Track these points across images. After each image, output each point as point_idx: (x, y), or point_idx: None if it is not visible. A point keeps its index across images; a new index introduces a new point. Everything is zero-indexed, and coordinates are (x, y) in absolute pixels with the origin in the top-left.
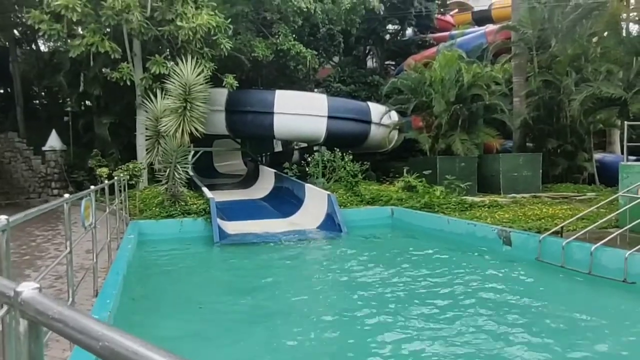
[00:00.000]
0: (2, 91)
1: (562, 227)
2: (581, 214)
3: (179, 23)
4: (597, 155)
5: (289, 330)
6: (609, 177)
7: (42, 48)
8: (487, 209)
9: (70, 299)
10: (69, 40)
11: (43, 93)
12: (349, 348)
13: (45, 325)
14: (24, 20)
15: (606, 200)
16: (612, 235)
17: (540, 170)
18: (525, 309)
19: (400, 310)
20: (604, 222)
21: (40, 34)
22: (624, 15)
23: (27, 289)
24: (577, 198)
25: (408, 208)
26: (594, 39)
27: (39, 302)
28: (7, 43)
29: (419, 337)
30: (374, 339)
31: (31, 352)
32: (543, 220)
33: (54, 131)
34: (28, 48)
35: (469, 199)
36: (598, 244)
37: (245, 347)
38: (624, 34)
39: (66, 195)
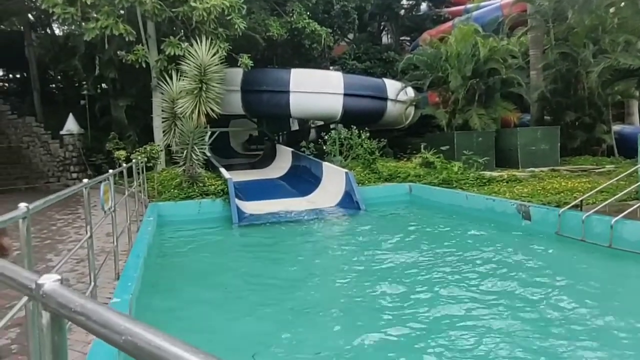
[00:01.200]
0: (18, 76)
1: (581, 201)
2: (600, 187)
3: (192, 4)
4: (616, 127)
5: (310, 306)
6: (628, 148)
7: (57, 32)
8: (505, 183)
9: (92, 283)
10: (83, 24)
11: (59, 77)
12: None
13: (67, 318)
14: (38, 4)
15: (625, 173)
16: (632, 208)
17: (559, 144)
18: (546, 283)
19: (418, 285)
20: (624, 194)
21: (55, 17)
22: None
23: (49, 281)
24: (596, 170)
25: (426, 184)
26: (611, 10)
27: (61, 295)
28: (22, 27)
29: (438, 314)
30: (395, 313)
31: (54, 344)
32: (562, 194)
33: (71, 115)
34: (43, 32)
35: (487, 174)
36: (618, 217)
37: (269, 321)
38: None
39: (85, 180)
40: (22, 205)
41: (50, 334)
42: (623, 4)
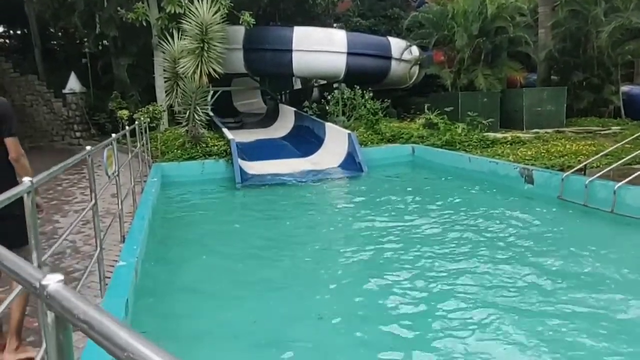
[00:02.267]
0: (19, 32)
1: (585, 165)
2: (605, 151)
3: None
4: (624, 88)
5: (310, 259)
6: (636, 110)
7: None
8: (509, 145)
9: (99, 249)
10: None
11: (60, 34)
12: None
13: (70, 323)
14: None
15: (632, 137)
16: (636, 174)
17: (565, 105)
18: (546, 248)
19: (419, 247)
20: (629, 159)
21: None
22: None
23: (52, 282)
24: (602, 132)
25: (429, 146)
26: None
27: (65, 298)
28: None
29: (435, 277)
30: (394, 279)
31: (59, 342)
32: (566, 157)
33: (73, 73)
34: None
35: (491, 135)
36: (621, 183)
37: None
38: None
39: (88, 148)
40: (26, 179)
41: (55, 333)
42: None
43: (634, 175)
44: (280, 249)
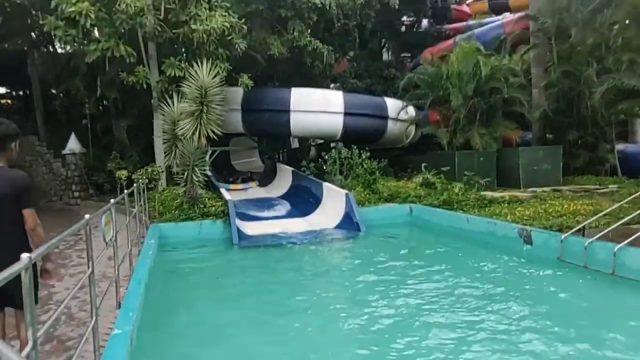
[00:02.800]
0: (21, 93)
1: (584, 226)
2: (604, 212)
3: (193, 26)
4: (619, 146)
5: (308, 328)
6: (631, 168)
7: (60, 50)
8: (507, 205)
9: (94, 318)
10: (85, 43)
11: (62, 95)
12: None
13: None
14: (40, 24)
15: (631, 197)
16: (637, 235)
17: (561, 163)
18: (547, 310)
19: (418, 310)
20: (628, 219)
21: (56, 39)
22: None
23: None
24: (599, 191)
25: (427, 205)
26: (615, 28)
27: None
28: (25, 46)
29: (437, 341)
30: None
31: None
32: (564, 217)
33: (73, 134)
34: (45, 51)
35: (489, 194)
36: (621, 244)
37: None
38: None
39: (87, 217)
40: (24, 256)
41: None
42: (627, 22)
43: (633, 237)
44: (278, 315)
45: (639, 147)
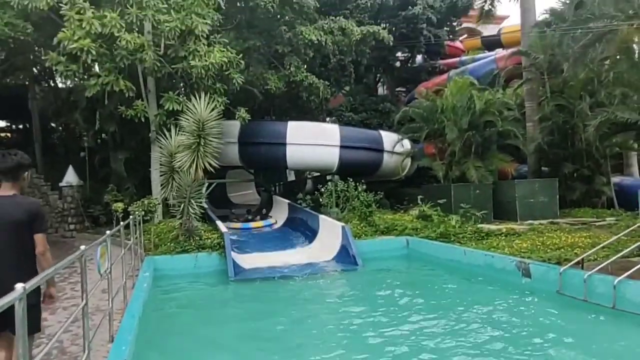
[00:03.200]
0: (21, 127)
1: (582, 259)
2: (603, 244)
3: (191, 62)
4: (615, 179)
5: None
6: (628, 200)
7: (60, 85)
8: (504, 237)
9: (86, 352)
10: (85, 78)
11: (60, 129)
12: None
13: None
14: (42, 59)
15: (629, 230)
16: (636, 267)
17: (557, 196)
18: (548, 345)
19: (417, 346)
20: (627, 252)
21: (58, 74)
22: (636, 39)
23: None
24: (597, 224)
25: (423, 238)
26: (607, 63)
27: None
28: (26, 81)
29: None
30: None
31: None
32: (562, 250)
33: (70, 167)
34: (46, 86)
35: (486, 227)
36: (621, 277)
37: None
38: (636, 58)
39: (82, 247)
40: (19, 286)
41: None
42: (618, 57)
43: (633, 270)
44: (273, 351)
45: (634, 180)
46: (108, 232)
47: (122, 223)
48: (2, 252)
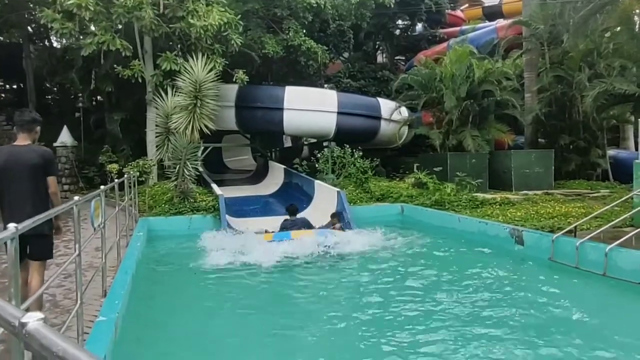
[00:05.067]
0: (15, 87)
1: (575, 227)
2: (595, 213)
3: (190, 21)
4: (611, 152)
5: (295, 320)
6: (622, 173)
7: (55, 44)
8: (498, 206)
9: (79, 302)
10: (81, 37)
11: (55, 89)
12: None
13: None
14: (37, 17)
15: (621, 200)
16: (627, 236)
17: (553, 167)
18: (538, 311)
19: (406, 308)
20: (619, 221)
21: (53, 31)
22: (637, 10)
23: (32, 320)
24: (591, 195)
25: (418, 205)
26: (607, 35)
27: (44, 337)
28: (20, 40)
29: (425, 340)
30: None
31: None
32: (556, 219)
33: (65, 127)
34: (41, 44)
35: (480, 196)
36: (612, 245)
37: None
38: (637, 29)
39: (75, 198)
40: (11, 225)
41: None
42: (619, 29)
43: (624, 238)
44: (263, 311)
45: (630, 153)
46: (102, 187)
47: (116, 181)
48: (24, 189)
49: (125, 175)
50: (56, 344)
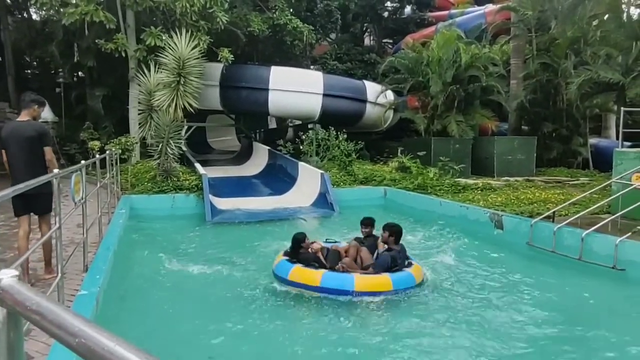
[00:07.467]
0: None
1: (554, 212)
2: (573, 200)
3: None
4: (592, 140)
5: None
6: (603, 162)
7: (35, 17)
8: (480, 191)
9: (59, 275)
10: (61, 10)
11: (35, 63)
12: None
13: (22, 316)
14: None
15: (599, 187)
16: (603, 222)
17: (535, 154)
18: (513, 294)
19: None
20: (596, 208)
21: (32, 2)
22: None
23: (6, 276)
24: (570, 183)
25: (401, 189)
26: (594, 22)
27: (18, 292)
28: None
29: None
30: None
31: (10, 340)
32: (535, 205)
33: (45, 102)
34: (19, 16)
35: (463, 181)
36: (589, 230)
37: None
38: (624, 18)
39: (55, 171)
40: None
41: (5, 330)
42: (606, 17)
43: (600, 224)
44: (244, 288)
45: (611, 142)
46: (83, 161)
47: (97, 156)
48: (22, 158)
49: (107, 152)
50: (30, 298)
